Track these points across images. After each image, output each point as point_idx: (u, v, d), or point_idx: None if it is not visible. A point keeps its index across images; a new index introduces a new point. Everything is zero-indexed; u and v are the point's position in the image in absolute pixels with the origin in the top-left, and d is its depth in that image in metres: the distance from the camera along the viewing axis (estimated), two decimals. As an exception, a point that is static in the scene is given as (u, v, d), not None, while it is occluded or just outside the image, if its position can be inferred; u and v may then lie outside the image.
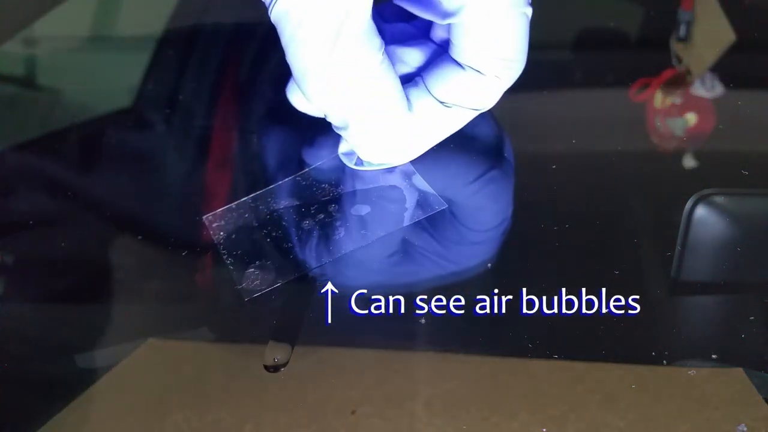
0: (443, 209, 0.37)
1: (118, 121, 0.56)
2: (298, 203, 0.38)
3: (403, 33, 0.38)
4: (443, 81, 0.35)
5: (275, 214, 0.37)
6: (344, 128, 0.34)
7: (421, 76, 0.36)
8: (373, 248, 0.37)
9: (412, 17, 0.38)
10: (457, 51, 0.34)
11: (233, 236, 0.36)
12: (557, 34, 0.65)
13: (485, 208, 0.40)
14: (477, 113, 0.36)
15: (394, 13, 0.39)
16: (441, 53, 0.36)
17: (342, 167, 0.39)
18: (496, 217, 0.39)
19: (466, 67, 0.34)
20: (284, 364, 0.32)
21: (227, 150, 0.49)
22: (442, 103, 0.35)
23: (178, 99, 0.56)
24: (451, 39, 0.34)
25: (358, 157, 0.38)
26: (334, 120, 0.34)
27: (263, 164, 0.46)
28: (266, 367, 0.32)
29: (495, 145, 0.44)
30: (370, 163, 0.38)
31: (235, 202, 0.37)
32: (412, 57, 0.37)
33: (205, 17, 0.65)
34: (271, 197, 0.38)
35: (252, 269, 0.35)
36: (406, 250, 0.37)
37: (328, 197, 0.38)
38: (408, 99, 0.35)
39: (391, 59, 0.36)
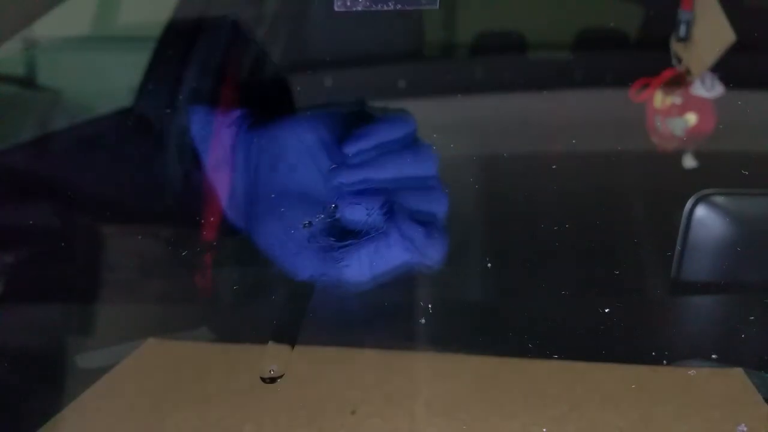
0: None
1: (118, 121, 0.56)
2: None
3: None
4: None
5: None
6: None
7: None
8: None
9: None
10: None
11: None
12: (557, 34, 0.65)
13: None
14: None
15: None
16: None
17: None
18: None
19: None
20: (281, 376, 0.32)
21: (227, 150, 0.49)
22: None
23: (178, 99, 0.56)
24: None
25: None
26: None
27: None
28: (263, 379, 0.32)
29: None
30: None
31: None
32: None
33: (205, 17, 0.65)
34: None
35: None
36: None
37: None
38: None
39: None
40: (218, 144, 0.49)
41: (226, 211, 0.40)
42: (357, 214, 0.35)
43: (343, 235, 0.35)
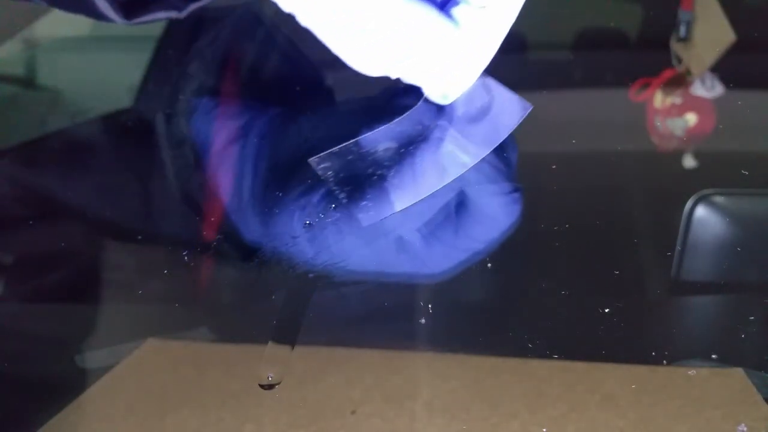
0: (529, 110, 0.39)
1: (118, 121, 0.56)
2: (396, 145, 0.39)
3: None
4: None
5: (377, 155, 0.39)
6: (409, 76, 0.36)
7: None
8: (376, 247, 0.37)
9: None
10: None
11: (341, 175, 0.38)
12: (557, 34, 0.65)
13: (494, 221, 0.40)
14: (516, 8, 0.36)
15: None
16: None
17: (431, 106, 0.40)
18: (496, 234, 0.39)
19: None
20: (278, 382, 0.31)
21: (228, 150, 0.49)
22: (481, 7, 0.35)
23: (178, 99, 0.56)
24: None
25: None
26: (395, 74, 0.35)
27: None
28: (261, 385, 0.31)
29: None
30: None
31: (337, 147, 0.39)
32: None
33: (205, 17, 0.65)
34: (371, 142, 0.39)
35: (365, 202, 0.37)
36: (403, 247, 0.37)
37: (422, 135, 0.39)
38: (453, 18, 0.35)
39: None
40: (221, 139, 0.49)
41: (233, 214, 0.41)
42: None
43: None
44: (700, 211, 0.39)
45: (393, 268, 0.37)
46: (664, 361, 0.31)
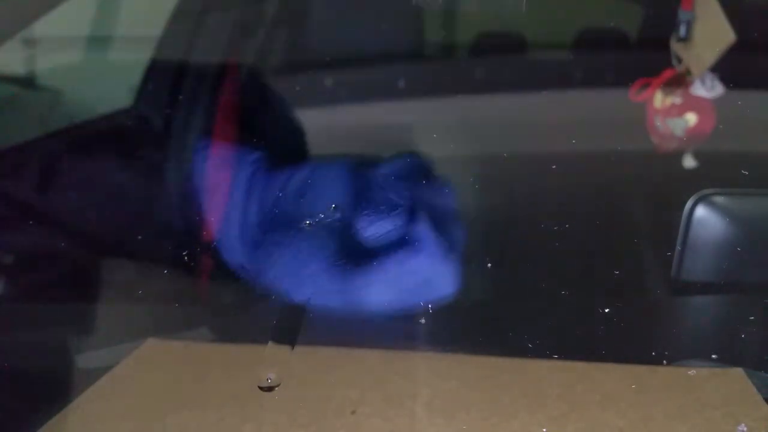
0: None
1: (118, 121, 0.56)
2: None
3: None
4: None
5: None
6: None
7: None
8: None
9: None
10: None
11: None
12: (557, 34, 0.65)
13: None
14: None
15: None
16: None
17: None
18: None
19: None
20: (278, 384, 0.31)
21: (227, 150, 0.49)
22: None
23: (178, 99, 0.56)
24: None
25: None
26: None
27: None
28: (261, 387, 0.31)
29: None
30: None
31: None
32: None
33: (204, 17, 0.65)
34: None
35: None
36: None
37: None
38: None
39: None
40: (214, 173, 0.49)
41: (219, 248, 0.40)
42: (383, 228, 0.36)
43: (360, 258, 0.36)
44: (700, 211, 0.39)
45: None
46: (664, 361, 0.31)
